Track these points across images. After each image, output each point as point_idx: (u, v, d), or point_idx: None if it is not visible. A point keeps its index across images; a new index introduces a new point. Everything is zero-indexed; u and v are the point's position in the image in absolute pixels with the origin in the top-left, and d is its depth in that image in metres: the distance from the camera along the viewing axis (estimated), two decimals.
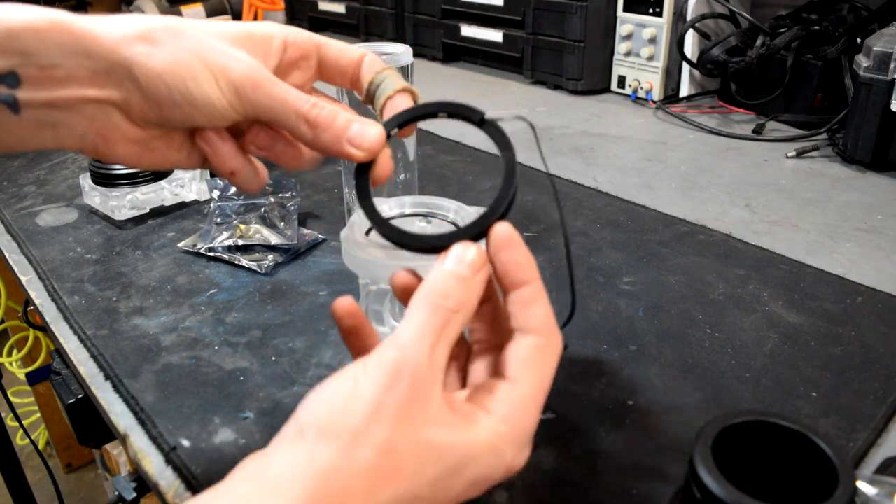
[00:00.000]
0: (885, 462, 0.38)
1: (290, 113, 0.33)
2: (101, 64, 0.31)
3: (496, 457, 0.29)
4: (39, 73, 0.31)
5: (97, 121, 0.32)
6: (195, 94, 0.32)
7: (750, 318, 0.51)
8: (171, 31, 0.32)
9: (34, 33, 0.30)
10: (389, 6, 1.35)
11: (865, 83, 0.76)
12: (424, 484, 0.27)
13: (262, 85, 0.33)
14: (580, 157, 0.84)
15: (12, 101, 0.31)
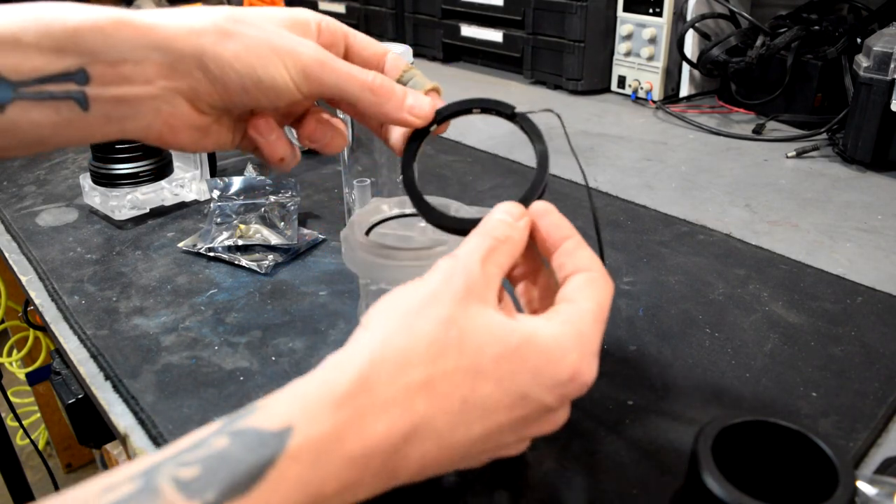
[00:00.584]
0: (885, 462, 0.38)
1: (355, 86, 0.36)
2: (170, 56, 0.33)
3: (560, 350, 0.29)
4: (107, 70, 0.32)
5: (163, 111, 0.34)
6: (264, 79, 0.34)
7: (750, 318, 0.51)
8: (236, 20, 0.34)
9: (99, 31, 0.32)
10: (389, 6, 1.35)
11: (865, 83, 0.76)
12: (487, 360, 0.28)
13: (328, 63, 0.35)
14: (580, 157, 0.84)
15: (82, 98, 0.32)
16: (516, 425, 0.29)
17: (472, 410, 0.27)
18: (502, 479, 0.37)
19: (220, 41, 0.33)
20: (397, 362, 0.27)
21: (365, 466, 0.25)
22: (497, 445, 0.29)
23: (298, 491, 0.23)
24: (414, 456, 0.26)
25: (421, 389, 0.26)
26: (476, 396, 0.27)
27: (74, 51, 0.32)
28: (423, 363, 0.27)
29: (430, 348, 0.27)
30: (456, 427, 0.27)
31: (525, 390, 0.28)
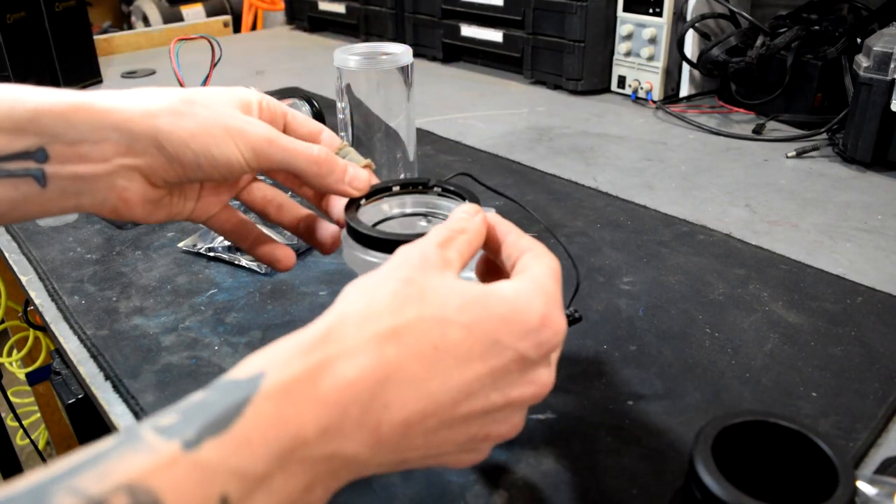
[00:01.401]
0: (885, 462, 0.38)
1: (301, 160, 0.38)
2: (127, 136, 0.35)
3: (524, 298, 0.29)
4: (66, 149, 0.34)
5: (118, 186, 0.36)
6: (217, 156, 0.36)
7: (750, 318, 0.51)
8: (190, 102, 0.37)
9: (59, 114, 0.34)
10: (389, 6, 1.35)
11: (865, 83, 0.76)
12: (452, 309, 0.28)
13: (276, 141, 0.38)
14: (580, 157, 0.84)
15: (40, 175, 0.34)
16: (498, 379, 0.29)
17: (446, 357, 0.27)
18: (502, 479, 0.37)
19: (176, 121, 0.36)
20: (362, 314, 0.28)
21: (343, 412, 0.25)
22: (485, 407, 0.29)
23: (276, 428, 0.24)
24: (394, 405, 0.26)
25: (389, 337, 0.27)
26: (447, 342, 0.28)
27: (34, 132, 0.34)
28: (388, 313, 0.28)
29: (394, 300, 0.28)
30: (431, 373, 0.27)
31: (496, 336, 0.28)
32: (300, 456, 0.24)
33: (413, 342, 0.27)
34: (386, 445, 0.27)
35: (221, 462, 0.23)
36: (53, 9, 1.10)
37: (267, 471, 0.24)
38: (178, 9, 2.53)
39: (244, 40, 1.68)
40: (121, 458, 0.22)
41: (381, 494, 0.36)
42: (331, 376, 0.26)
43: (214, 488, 0.22)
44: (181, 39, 0.74)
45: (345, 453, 0.26)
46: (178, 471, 0.22)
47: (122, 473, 0.22)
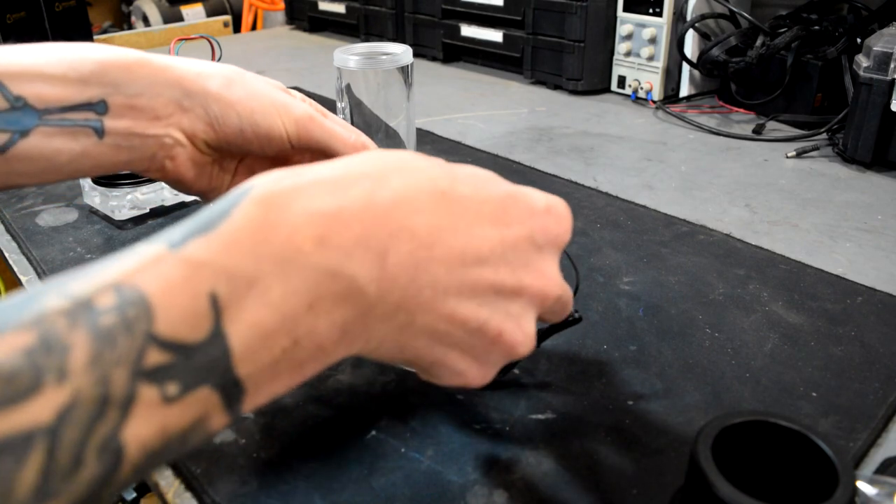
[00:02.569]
0: (885, 462, 0.38)
1: (339, 143, 0.41)
2: (179, 92, 0.38)
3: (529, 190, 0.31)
4: (124, 102, 0.37)
5: (167, 144, 0.39)
6: (261, 124, 0.39)
7: (750, 318, 0.51)
8: (240, 75, 0.40)
9: (122, 67, 0.37)
10: (389, 6, 1.35)
11: (865, 83, 0.76)
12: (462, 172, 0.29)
13: (317, 120, 0.40)
14: (580, 157, 0.84)
15: (99, 127, 0.37)
16: (508, 251, 0.28)
17: (455, 206, 0.27)
18: (502, 478, 0.37)
19: (226, 85, 0.39)
20: (374, 154, 0.28)
21: (343, 225, 0.24)
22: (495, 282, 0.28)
23: (266, 229, 0.23)
24: (401, 235, 0.25)
25: (394, 171, 0.27)
26: (456, 193, 0.27)
27: (97, 83, 0.36)
28: (400, 158, 0.28)
29: (401, 153, 0.28)
30: (440, 213, 0.27)
31: (504, 205, 0.29)
32: (299, 264, 0.23)
33: (421, 180, 0.27)
34: (392, 282, 0.25)
35: (208, 259, 0.22)
36: (53, 9, 1.10)
37: (258, 273, 0.23)
38: (178, 9, 2.53)
39: (244, 40, 1.68)
40: (109, 265, 0.22)
41: (381, 494, 0.36)
42: (328, 191, 0.25)
43: (202, 285, 0.22)
44: (181, 39, 0.74)
45: (349, 275, 0.24)
46: (163, 267, 0.22)
47: (109, 274, 0.22)
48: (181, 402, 0.22)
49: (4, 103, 0.35)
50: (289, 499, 0.36)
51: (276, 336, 0.23)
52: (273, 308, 0.23)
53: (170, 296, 0.22)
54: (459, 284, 0.27)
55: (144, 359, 0.21)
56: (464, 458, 0.38)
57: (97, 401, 0.20)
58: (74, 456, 0.20)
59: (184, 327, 0.22)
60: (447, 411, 0.42)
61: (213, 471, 0.38)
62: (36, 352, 0.19)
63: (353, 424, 0.41)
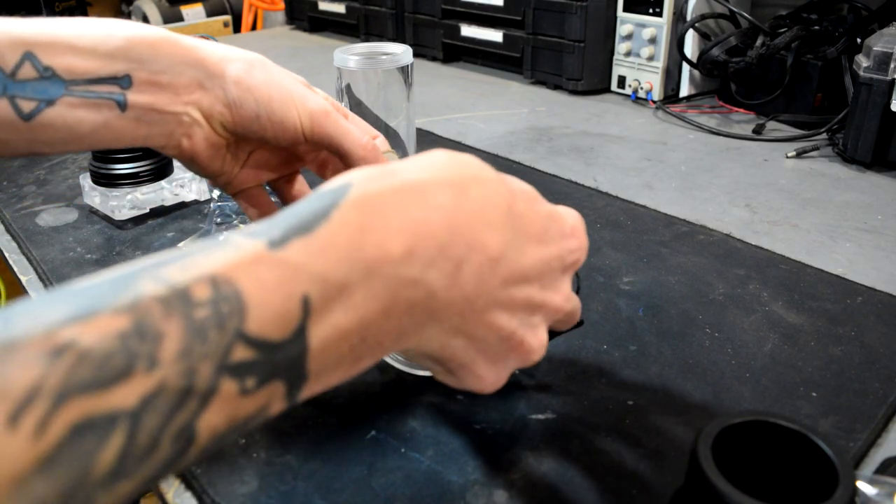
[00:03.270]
0: (885, 462, 0.38)
1: (351, 142, 0.41)
2: (200, 72, 0.39)
3: (560, 210, 0.34)
4: (148, 78, 0.38)
5: (185, 122, 0.40)
6: (277, 112, 0.40)
7: (750, 318, 0.51)
8: (262, 63, 0.41)
9: (149, 44, 0.38)
10: (389, 6, 1.35)
11: (865, 83, 0.76)
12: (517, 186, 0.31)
13: (333, 115, 0.41)
14: (580, 157, 0.84)
15: (122, 100, 0.38)
16: (545, 272, 0.31)
17: (514, 221, 0.29)
18: (502, 478, 0.37)
19: (247, 69, 0.40)
20: (449, 157, 0.29)
21: (431, 234, 0.26)
22: (529, 299, 0.30)
23: (362, 235, 0.24)
24: (476, 245, 0.27)
25: (473, 181, 0.28)
26: (516, 210, 0.29)
27: (124, 58, 0.37)
28: (472, 165, 0.29)
29: (475, 160, 0.30)
30: (506, 227, 0.28)
31: (546, 226, 0.31)
32: (384, 272, 0.24)
33: (493, 194, 0.28)
34: (460, 291, 0.27)
35: (305, 262, 0.23)
36: (53, 9, 1.10)
37: (348, 279, 0.24)
38: (178, 9, 2.53)
39: (244, 40, 1.67)
40: (207, 255, 0.23)
41: (381, 494, 0.36)
42: (416, 198, 0.26)
43: (297, 288, 0.23)
44: None
45: (426, 283, 0.26)
46: (261, 267, 0.23)
47: (207, 266, 0.22)
48: (255, 394, 0.22)
49: (34, 72, 0.36)
50: (289, 499, 0.36)
51: (350, 337, 0.24)
52: (354, 311, 0.24)
53: (264, 296, 0.22)
54: (507, 298, 0.29)
55: (231, 354, 0.21)
56: (464, 458, 0.38)
57: (181, 391, 0.20)
58: (152, 441, 0.20)
59: (272, 326, 0.22)
60: (447, 411, 0.42)
61: (213, 471, 0.38)
62: (130, 337, 0.20)
63: (353, 424, 0.41)
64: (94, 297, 0.20)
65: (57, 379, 0.18)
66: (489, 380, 0.31)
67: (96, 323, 0.20)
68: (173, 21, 2.42)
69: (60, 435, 0.18)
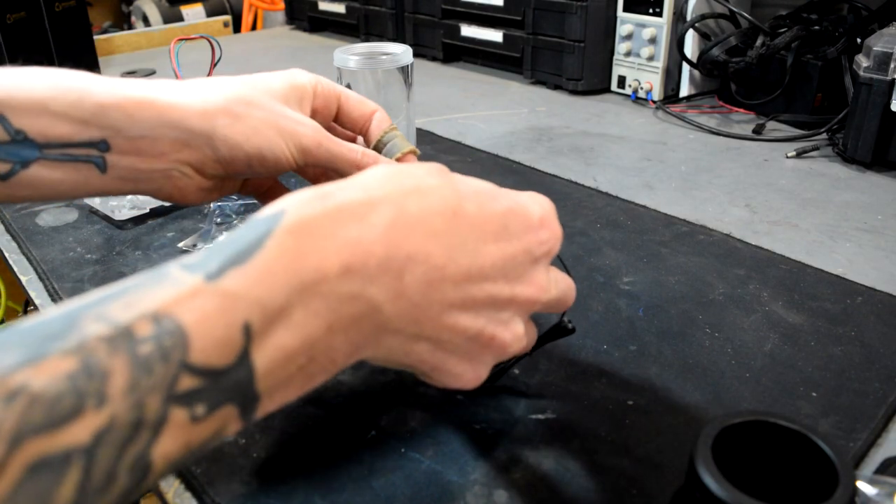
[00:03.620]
0: (885, 462, 0.38)
1: (345, 163, 0.41)
2: (184, 134, 0.37)
3: (525, 201, 0.34)
4: (127, 143, 0.36)
5: (174, 176, 0.39)
6: (268, 156, 0.38)
7: (750, 318, 0.51)
8: (245, 103, 0.38)
9: (123, 110, 0.36)
10: (389, 6, 1.35)
11: (865, 83, 0.76)
12: (468, 189, 0.31)
13: (324, 144, 0.40)
14: (580, 157, 0.84)
15: (101, 163, 0.37)
16: (508, 267, 0.30)
17: (463, 225, 0.29)
18: (502, 478, 0.37)
19: (232, 123, 0.37)
20: (388, 173, 0.30)
21: (367, 252, 0.26)
22: (493, 295, 0.30)
23: (298, 260, 0.25)
24: (418, 256, 0.27)
25: (412, 192, 0.28)
26: (465, 213, 0.29)
27: (98, 125, 0.36)
28: (411, 176, 0.29)
29: (417, 169, 0.30)
30: (452, 233, 0.29)
31: (505, 222, 0.31)
32: (322, 290, 0.25)
33: (435, 202, 0.29)
34: (407, 300, 0.27)
35: (244, 291, 0.24)
36: (53, 9, 1.10)
37: (288, 301, 0.24)
38: (178, 9, 2.53)
39: (244, 40, 1.68)
40: (147, 290, 0.23)
41: (381, 494, 0.36)
42: (352, 217, 0.27)
43: (237, 316, 0.23)
44: (181, 39, 0.74)
45: (368, 297, 0.26)
46: (201, 300, 0.23)
47: (148, 303, 0.23)
48: (206, 420, 0.23)
49: (5, 135, 0.35)
50: (289, 499, 0.36)
51: (296, 356, 0.25)
52: (297, 332, 0.25)
53: (205, 327, 0.23)
54: (464, 299, 0.29)
55: (177, 384, 0.22)
56: (464, 458, 0.38)
57: (132, 424, 0.21)
58: (108, 473, 0.21)
59: (216, 355, 0.23)
60: (447, 411, 0.42)
61: (213, 471, 0.38)
62: (78, 377, 0.21)
63: (353, 424, 0.41)
64: (42, 340, 0.21)
65: (11, 423, 0.19)
66: (467, 377, 0.32)
67: (46, 366, 0.20)
68: (173, 21, 2.42)
69: (18, 476, 0.19)
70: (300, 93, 0.41)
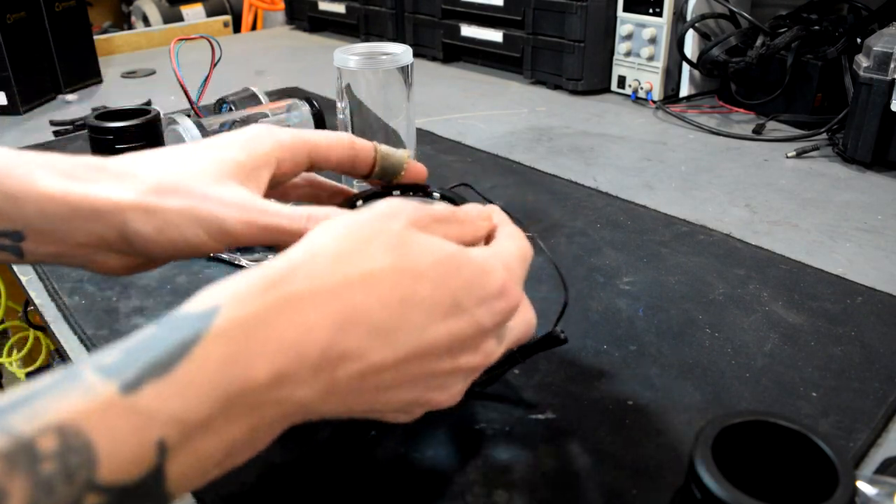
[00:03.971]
0: (885, 462, 0.38)
1: (285, 237, 0.34)
2: (96, 229, 0.34)
3: (489, 265, 0.30)
4: (41, 235, 0.34)
5: (97, 260, 0.36)
6: (184, 247, 0.34)
7: (750, 318, 0.51)
8: (163, 191, 0.34)
9: (35, 205, 0.33)
10: (389, 6, 1.35)
11: (865, 83, 0.76)
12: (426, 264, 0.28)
13: (255, 222, 0.34)
14: (580, 157, 0.84)
15: (17, 251, 0.34)
16: (454, 346, 0.29)
17: (412, 312, 0.27)
18: (502, 478, 0.37)
19: (144, 219, 0.34)
20: (334, 254, 0.27)
21: (300, 356, 0.25)
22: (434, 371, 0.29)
23: (224, 370, 0.23)
24: (354, 354, 0.26)
25: (359, 282, 0.26)
26: (415, 297, 0.27)
27: (10, 218, 0.33)
28: (361, 257, 0.27)
29: (369, 245, 0.28)
30: (396, 325, 0.27)
31: (458, 298, 0.29)
32: (248, 400, 0.24)
33: (383, 291, 0.27)
34: (339, 395, 0.26)
35: (161, 407, 0.22)
36: (53, 9, 1.10)
37: (209, 414, 0.23)
38: (178, 9, 2.53)
39: (244, 40, 1.68)
40: (56, 398, 0.21)
41: (382, 494, 0.36)
42: (292, 317, 0.25)
43: (151, 434, 0.22)
44: (181, 39, 0.74)
45: (296, 399, 0.25)
46: (112, 414, 0.21)
47: (54, 414, 0.21)
48: None
49: None
50: (289, 499, 0.36)
51: (214, 457, 0.24)
52: (216, 439, 0.23)
53: (116, 445, 0.21)
54: (402, 378, 0.28)
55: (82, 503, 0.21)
56: (464, 458, 0.38)
57: None
58: None
59: (125, 473, 0.21)
60: (447, 411, 0.42)
61: None
62: None
63: (353, 424, 0.41)
64: None
65: None
66: (400, 420, 0.31)
67: None
68: (173, 21, 2.42)
69: None
70: (256, 161, 0.37)
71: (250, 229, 0.34)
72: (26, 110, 1.06)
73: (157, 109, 0.68)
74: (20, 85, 1.04)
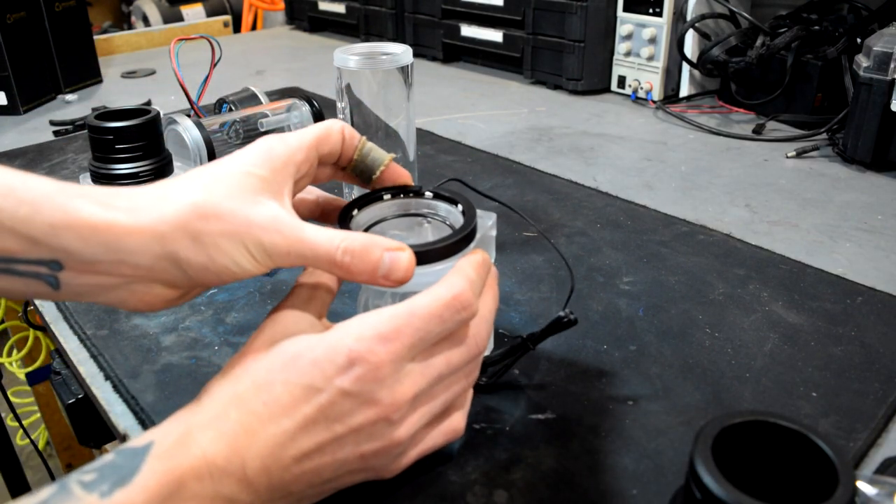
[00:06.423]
0: (885, 462, 0.38)
1: (322, 261, 0.36)
2: (144, 258, 0.33)
3: (332, 341, 0.33)
4: (82, 266, 0.33)
5: (138, 291, 0.35)
6: (235, 270, 0.35)
7: (750, 318, 0.51)
8: (204, 216, 0.34)
9: (76, 233, 0.32)
10: (389, 6, 1.35)
11: (865, 83, 0.76)
12: (275, 371, 0.33)
13: (294, 245, 0.35)
14: (580, 157, 0.84)
15: (54, 282, 0.33)
16: (328, 413, 0.32)
17: (274, 408, 0.32)
18: (502, 479, 0.37)
19: (193, 246, 0.34)
20: (219, 385, 0.34)
21: (210, 465, 0.30)
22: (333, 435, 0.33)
23: (166, 478, 0.30)
24: (248, 454, 0.31)
25: (232, 403, 0.32)
26: (272, 398, 0.32)
27: (49, 247, 0.32)
28: (230, 383, 0.34)
29: (236, 370, 0.34)
30: (266, 424, 0.32)
31: (309, 382, 0.32)
32: (188, 494, 0.30)
33: (250, 404, 0.32)
34: (258, 486, 0.31)
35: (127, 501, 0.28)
36: (53, 9, 1.10)
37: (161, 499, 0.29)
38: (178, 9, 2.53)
39: (244, 40, 1.68)
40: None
41: (382, 494, 0.36)
42: (196, 441, 0.31)
43: None
44: (181, 39, 0.74)
45: (225, 494, 0.31)
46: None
47: None
48: None
49: None
50: None
51: None
52: None
53: None
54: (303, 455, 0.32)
55: None
56: (464, 458, 0.38)
57: None
58: None
59: None
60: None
61: None
62: None
63: None
64: None
65: None
66: (380, 476, 0.35)
67: None
68: (173, 21, 2.42)
69: None
70: (277, 175, 0.37)
71: (290, 258, 0.35)
72: (26, 110, 1.06)
73: (157, 109, 0.68)
74: (20, 85, 1.04)
